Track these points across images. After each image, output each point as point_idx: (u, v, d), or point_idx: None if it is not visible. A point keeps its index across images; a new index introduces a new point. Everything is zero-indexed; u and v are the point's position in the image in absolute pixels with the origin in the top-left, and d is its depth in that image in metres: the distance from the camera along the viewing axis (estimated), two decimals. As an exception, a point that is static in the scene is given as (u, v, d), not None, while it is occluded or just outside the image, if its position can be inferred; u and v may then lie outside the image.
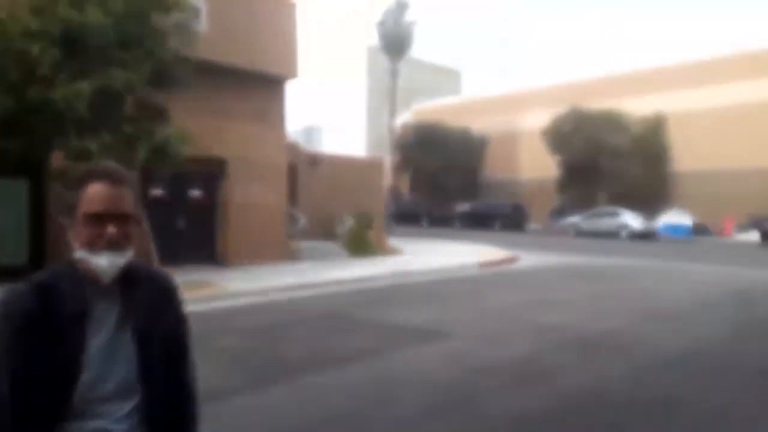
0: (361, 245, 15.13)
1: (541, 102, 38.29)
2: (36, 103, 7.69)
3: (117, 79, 7.99)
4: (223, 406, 4.24)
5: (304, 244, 14.36)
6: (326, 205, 16.04)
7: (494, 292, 10.37)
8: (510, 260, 15.40)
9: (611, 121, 32.41)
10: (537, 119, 37.20)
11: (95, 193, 1.28)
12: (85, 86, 7.80)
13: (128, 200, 1.32)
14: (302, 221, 15.22)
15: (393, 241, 18.50)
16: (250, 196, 12.66)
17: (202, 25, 11.24)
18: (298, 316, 8.03)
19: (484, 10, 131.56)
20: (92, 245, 1.27)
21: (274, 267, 12.25)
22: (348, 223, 15.59)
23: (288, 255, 13.39)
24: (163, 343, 1.38)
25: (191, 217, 12.24)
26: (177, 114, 9.52)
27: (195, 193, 12.31)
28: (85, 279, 1.30)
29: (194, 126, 10.04)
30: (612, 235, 26.88)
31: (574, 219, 29.06)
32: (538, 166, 37.49)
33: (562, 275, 12.86)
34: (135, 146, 8.47)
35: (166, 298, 1.44)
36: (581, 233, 27.94)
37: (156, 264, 8.99)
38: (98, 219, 1.27)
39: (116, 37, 8.17)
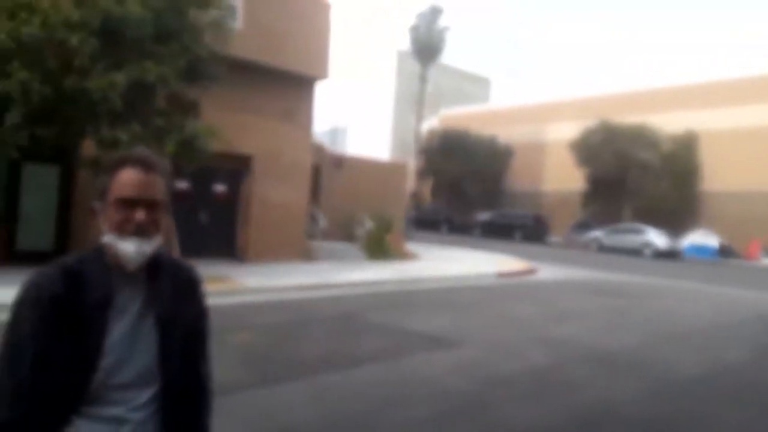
0: (379, 248, 15.17)
1: (570, 114, 37.91)
2: (72, 93, 7.90)
3: (151, 72, 8.17)
4: (236, 400, 4.31)
5: (323, 245, 14.45)
6: (347, 206, 16.12)
7: (510, 303, 10.31)
8: (529, 272, 15.29)
9: (641, 136, 31.93)
10: (564, 131, 36.83)
11: (127, 179, 1.29)
12: (120, 77, 7.99)
13: (159, 187, 1.32)
14: (323, 222, 15.33)
15: (412, 246, 18.49)
16: (273, 194, 12.80)
17: (238, 22, 11.43)
18: (312, 315, 8.10)
19: (511, 17, 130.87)
20: (121, 230, 1.27)
21: (292, 265, 12.35)
22: (367, 225, 15.64)
23: (306, 254, 13.49)
24: (184, 334, 1.39)
25: (214, 212, 12.43)
26: (207, 109, 9.69)
27: (219, 188, 12.49)
28: (111, 265, 1.31)
29: (223, 122, 10.20)
30: (635, 252, 26.45)
31: (597, 234, 28.67)
32: (562, 178, 37.10)
33: (581, 290, 12.72)
34: (164, 139, 8.64)
35: (190, 289, 1.45)
36: (603, 249, 27.56)
37: (177, 254, 9.15)
38: (128, 204, 1.28)
39: (153, 31, 8.35)
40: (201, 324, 1.48)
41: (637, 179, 31.69)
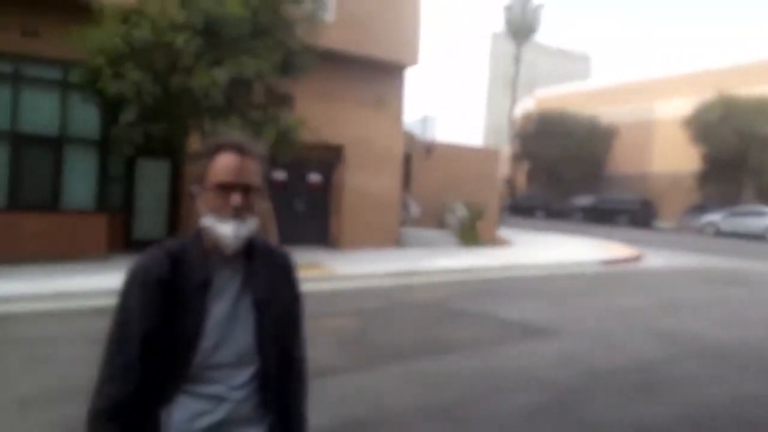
0: (471, 235, 14.90)
1: (682, 89, 34.96)
2: (178, 91, 8.41)
3: (248, 67, 8.50)
4: (330, 383, 4.39)
5: (415, 232, 14.44)
6: (439, 194, 15.97)
7: (614, 292, 9.73)
8: (634, 259, 14.35)
9: (764, 110, 28.80)
10: (676, 107, 34.08)
11: (224, 163, 1.32)
12: (220, 74, 8.39)
13: (255, 172, 1.35)
14: (414, 209, 15.31)
15: (506, 233, 18.02)
16: (365, 183, 12.94)
17: (329, 14, 11.61)
18: (405, 301, 8.11)
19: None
20: (219, 214, 1.30)
21: (384, 253, 12.46)
22: (459, 212, 15.41)
23: (398, 242, 13.55)
24: (279, 317, 1.41)
25: (308, 200, 12.81)
26: (300, 100, 9.96)
27: (313, 177, 12.84)
28: (210, 249, 1.34)
29: (315, 112, 10.44)
30: (757, 237, 24.03)
31: (714, 217, 26.32)
32: (673, 158, 34.40)
33: (694, 278, 11.74)
34: (261, 131, 8.99)
35: (285, 274, 1.48)
36: (721, 233, 25.29)
37: (275, 241, 9.52)
38: (226, 188, 1.31)
39: (250, 28, 8.68)
40: (296, 308, 1.50)
41: (760, 157, 28.68)
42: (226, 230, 1.30)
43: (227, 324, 1.32)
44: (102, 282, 7.61)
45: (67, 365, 4.73)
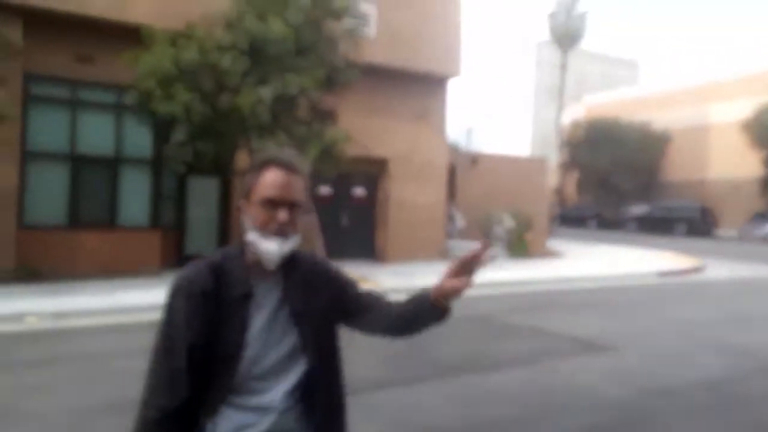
0: (520, 247, 14.56)
1: (738, 91, 33.40)
2: (225, 110, 8.61)
3: (293, 84, 8.62)
4: (376, 398, 4.30)
5: (461, 244, 14.22)
6: (485, 205, 15.72)
7: (674, 305, 9.24)
8: (695, 270, 13.65)
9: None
10: (733, 110, 32.56)
11: (272, 179, 1.34)
12: (266, 92, 8.54)
13: (300, 189, 1.37)
14: (460, 221, 15.11)
15: (556, 244, 17.52)
16: (410, 196, 12.87)
17: (370, 29, 11.69)
18: (452, 316, 7.92)
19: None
20: (264, 229, 1.32)
21: (430, 265, 12.29)
22: (507, 223, 15.10)
23: (445, 254, 13.36)
24: (318, 327, 1.41)
25: (354, 214, 12.82)
26: (343, 116, 10.02)
27: (358, 191, 12.86)
28: (251, 262, 1.36)
29: (358, 127, 10.47)
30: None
31: (778, 226, 24.88)
32: (732, 163, 32.79)
33: (761, 289, 11.04)
34: (306, 147, 9.07)
35: (324, 278, 1.48)
36: (787, 242, 23.86)
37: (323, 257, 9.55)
38: (272, 204, 1.33)
39: (293, 45, 8.81)
40: (340, 282, 1.50)
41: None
42: (271, 247, 1.32)
43: (267, 335, 1.34)
44: (157, 297, 7.77)
45: (125, 378, 4.81)
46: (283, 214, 1.32)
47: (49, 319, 6.95)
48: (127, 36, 9.09)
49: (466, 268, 1.38)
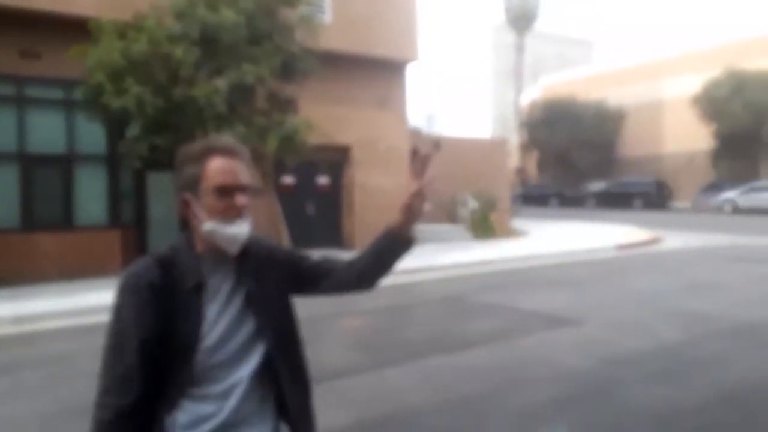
0: (484, 228, 14.78)
1: (689, 67, 34.45)
2: (180, 102, 8.42)
3: (249, 73, 8.48)
4: (348, 383, 4.33)
5: (427, 227, 14.34)
6: (449, 188, 15.87)
7: (633, 277, 9.57)
8: (652, 241, 14.13)
9: (777, 83, 28.25)
10: (684, 86, 33.59)
11: (220, 167, 1.33)
12: (221, 82, 8.39)
13: (245, 172, 1.37)
14: (425, 204, 15.22)
15: (520, 224, 17.86)
16: (373, 182, 12.88)
17: (326, 16, 11.57)
18: (421, 298, 8.03)
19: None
20: (225, 216, 1.32)
21: (399, 250, 12.36)
22: (471, 205, 15.30)
23: (413, 238, 13.45)
24: (275, 309, 1.42)
25: (319, 203, 12.77)
26: (303, 104, 9.92)
27: (322, 179, 12.80)
28: (201, 252, 1.35)
29: (319, 115, 10.39)
30: (777, 212, 23.62)
31: (730, 195, 25.90)
32: (685, 137, 33.91)
33: (717, 257, 11.52)
34: (266, 136, 8.96)
35: (275, 260, 1.47)
36: (739, 210, 24.88)
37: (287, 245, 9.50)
38: (225, 190, 1.32)
39: (247, 34, 8.66)
40: (292, 260, 1.51)
41: (775, 131, 28.18)
42: (234, 231, 1.32)
43: (224, 323, 1.33)
44: (118, 297, 7.62)
45: (91, 380, 4.72)
46: (241, 198, 1.32)
47: (8, 324, 6.73)
48: (74, 29, 8.76)
49: (419, 173, 1.44)
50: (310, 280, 1.51)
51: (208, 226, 1.32)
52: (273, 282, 1.43)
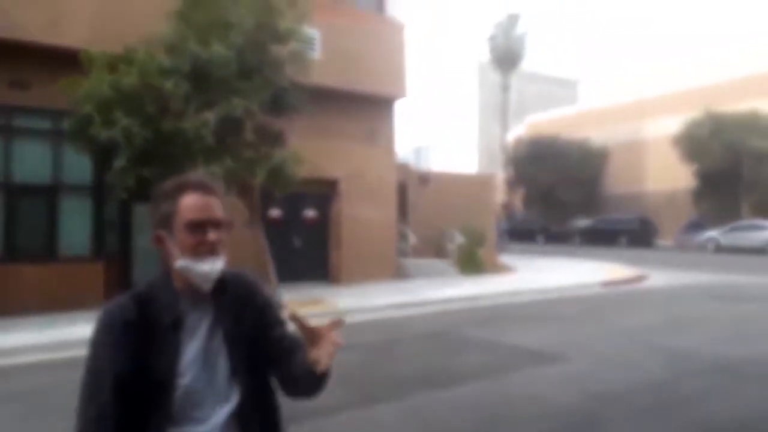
0: (471, 263, 14.81)
1: (670, 107, 35.40)
2: (169, 134, 8.44)
3: (238, 107, 8.55)
4: (335, 421, 4.25)
5: (415, 262, 14.34)
6: (436, 222, 15.95)
7: (618, 313, 9.59)
8: (637, 279, 14.23)
9: (754, 124, 29.06)
10: (665, 126, 34.42)
11: (193, 203, 1.32)
12: (210, 115, 8.44)
13: (219, 207, 1.36)
14: (412, 239, 15.25)
15: (506, 259, 17.92)
16: (361, 215, 12.91)
17: (316, 52, 11.78)
18: (408, 333, 7.96)
19: (595, 15, 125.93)
20: (196, 252, 1.31)
21: (384, 285, 12.33)
22: (458, 240, 15.35)
23: (399, 273, 13.43)
24: (252, 348, 1.40)
25: (306, 236, 12.74)
26: (292, 137, 9.98)
27: (309, 213, 12.80)
28: (179, 289, 1.35)
29: (308, 148, 10.46)
30: (758, 251, 23.96)
31: (713, 233, 26.29)
32: (667, 176, 34.58)
33: (699, 295, 11.62)
34: (254, 169, 8.98)
35: (253, 303, 1.45)
36: (721, 249, 25.21)
37: (273, 279, 9.42)
38: (197, 226, 1.31)
39: (237, 68, 8.77)
40: (267, 316, 1.46)
41: (754, 171, 28.84)
42: (206, 267, 1.31)
43: (202, 361, 1.32)
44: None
45: (60, 416, 4.58)
46: (213, 234, 1.31)
47: (-18, 358, 6.55)
48: (64, 60, 8.83)
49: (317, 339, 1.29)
50: (272, 353, 1.42)
51: (181, 263, 1.31)
52: (250, 323, 1.41)
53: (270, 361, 1.42)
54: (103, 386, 1.24)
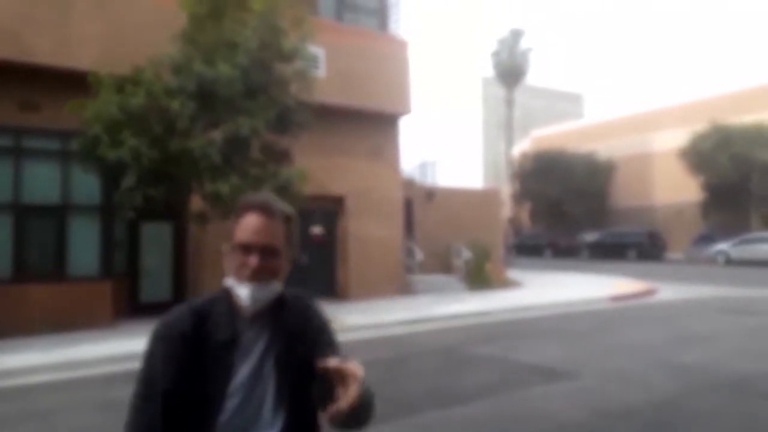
0: (479, 278, 14.74)
1: (676, 120, 35.37)
2: (176, 154, 8.52)
3: (244, 125, 8.63)
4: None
5: (422, 278, 14.29)
6: (443, 238, 15.92)
7: (627, 328, 9.50)
8: (646, 293, 14.10)
9: (761, 136, 28.95)
10: (672, 139, 34.38)
11: (247, 224, 1.30)
12: (217, 134, 8.52)
13: (277, 233, 1.32)
14: (419, 255, 15.22)
15: (514, 274, 17.82)
16: (368, 232, 12.92)
17: (321, 71, 11.89)
18: (415, 350, 7.91)
19: (602, 28, 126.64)
20: (239, 274, 1.29)
21: (392, 301, 12.28)
22: (465, 255, 15.31)
23: (405, 289, 13.39)
24: (301, 378, 1.34)
25: (313, 253, 12.75)
26: (298, 155, 10.04)
27: (316, 230, 12.83)
28: (237, 307, 1.32)
29: (314, 165, 10.52)
30: (768, 263, 23.74)
31: (723, 246, 26.06)
32: (674, 189, 34.42)
33: (709, 309, 11.49)
34: (261, 187, 9.03)
35: (311, 327, 1.42)
36: (732, 262, 24.97)
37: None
38: (246, 249, 1.29)
39: (243, 88, 8.86)
40: (320, 341, 1.41)
41: (762, 184, 28.65)
42: (243, 292, 1.29)
43: (253, 384, 1.29)
44: (109, 349, 7.49)
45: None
46: (253, 260, 1.27)
47: (-9, 379, 6.56)
48: (73, 82, 8.95)
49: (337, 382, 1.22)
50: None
51: (228, 281, 1.31)
52: (303, 347, 1.37)
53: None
54: (155, 398, 1.23)
